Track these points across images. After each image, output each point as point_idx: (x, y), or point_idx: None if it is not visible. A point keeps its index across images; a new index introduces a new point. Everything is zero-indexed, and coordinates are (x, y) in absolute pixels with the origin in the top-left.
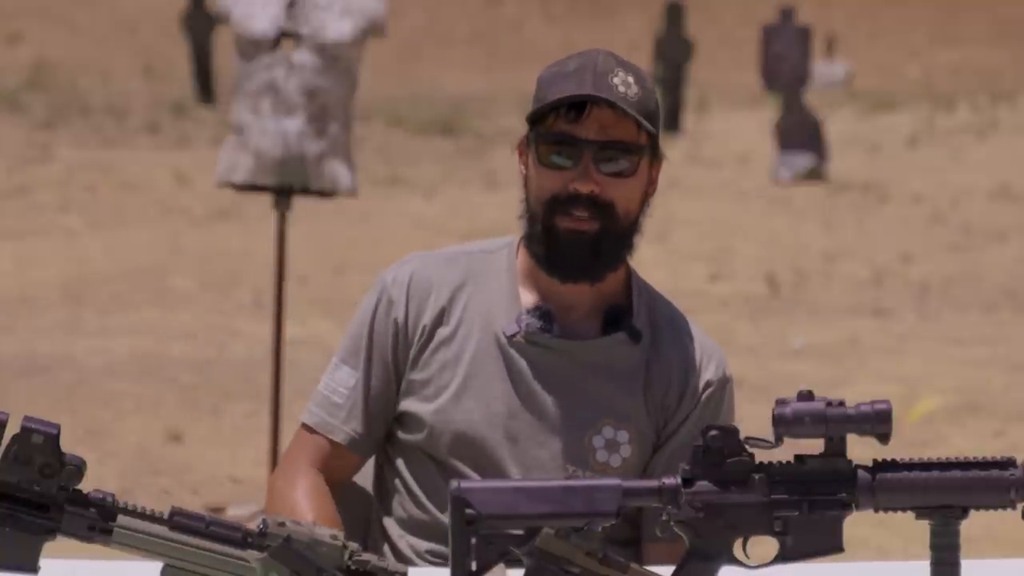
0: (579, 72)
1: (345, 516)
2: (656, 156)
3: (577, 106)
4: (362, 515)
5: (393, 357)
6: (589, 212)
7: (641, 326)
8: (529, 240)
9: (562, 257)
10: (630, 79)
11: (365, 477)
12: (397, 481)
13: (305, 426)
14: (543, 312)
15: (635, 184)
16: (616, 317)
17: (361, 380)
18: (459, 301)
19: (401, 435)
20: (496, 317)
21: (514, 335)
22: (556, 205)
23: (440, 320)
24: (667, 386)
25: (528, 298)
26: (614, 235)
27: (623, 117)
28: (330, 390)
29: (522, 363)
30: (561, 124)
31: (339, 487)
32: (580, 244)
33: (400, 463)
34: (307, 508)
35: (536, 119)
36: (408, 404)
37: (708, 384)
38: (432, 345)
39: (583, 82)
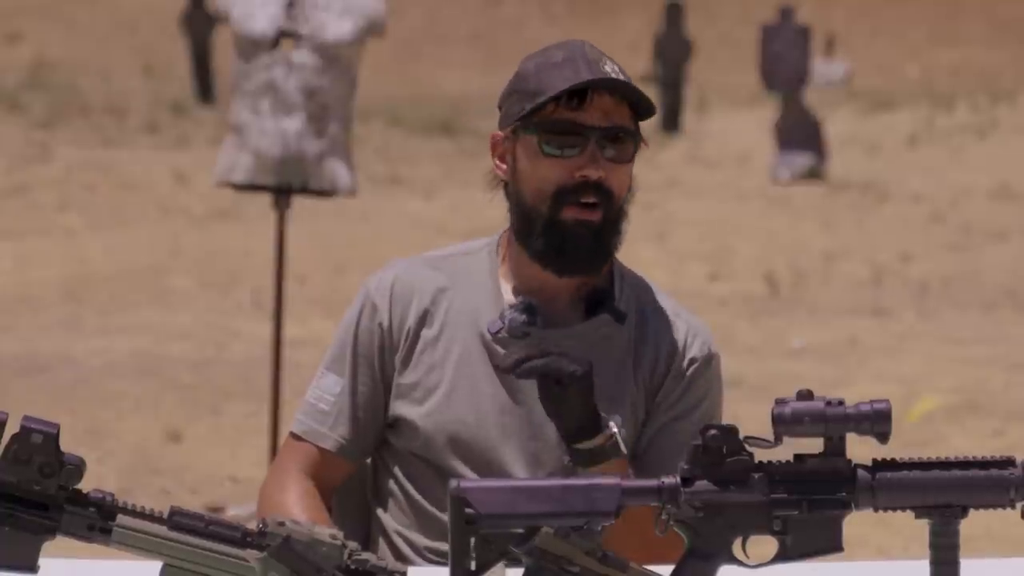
0: (570, 61)
1: (344, 520)
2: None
3: (579, 94)
4: (361, 520)
5: (380, 362)
6: (597, 199)
7: (625, 307)
8: (527, 237)
9: (569, 250)
10: (616, 67)
11: (364, 481)
12: (396, 488)
13: (293, 435)
14: (526, 306)
15: (629, 170)
16: (598, 301)
17: (347, 386)
18: (442, 303)
19: (396, 443)
20: (480, 316)
21: (498, 332)
22: (563, 195)
23: (423, 322)
24: (655, 364)
25: (511, 295)
26: (611, 224)
27: (620, 103)
28: (316, 398)
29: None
30: (564, 112)
31: (329, 494)
32: (586, 235)
33: (398, 471)
34: (300, 513)
35: (530, 111)
36: (399, 408)
37: (693, 360)
38: (418, 347)
39: (579, 70)
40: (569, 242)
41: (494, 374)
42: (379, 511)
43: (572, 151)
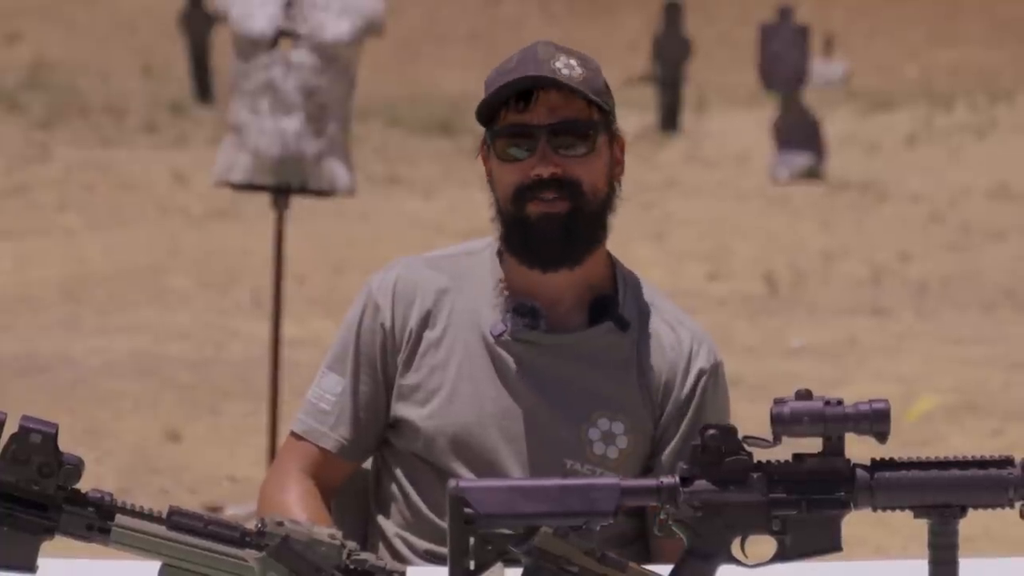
0: (520, 64)
1: (343, 520)
2: (614, 134)
3: (525, 96)
4: (360, 520)
5: (382, 362)
6: (557, 193)
7: (628, 315)
8: (506, 238)
9: (538, 243)
10: (572, 62)
11: (363, 481)
12: (396, 489)
13: (294, 434)
14: (529, 309)
15: (597, 161)
16: (603, 307)
17: (349, 386)
18: (445, 304)
19: (397, 444)
20: (482, 318)
21: (501, 334)
22: (523, 193)
23: (426, 323)
24: (660, 373)
25: (513, 296)
26: (585, 215)
27: (571, 97)
28: (318, 397)
29: (511, 362)
30: (512, 116)
31: (330, 494)
32: (553, 226)
33: (399, 472)
34: (300, 513)
35: (489, 120)
36: (401, 409)
37: (702, 372)
38: (421, 349)
39: (525, 71)
40: (535, 236)
41: (496, 376)
42: (379, 517)
43: (524, 153)
